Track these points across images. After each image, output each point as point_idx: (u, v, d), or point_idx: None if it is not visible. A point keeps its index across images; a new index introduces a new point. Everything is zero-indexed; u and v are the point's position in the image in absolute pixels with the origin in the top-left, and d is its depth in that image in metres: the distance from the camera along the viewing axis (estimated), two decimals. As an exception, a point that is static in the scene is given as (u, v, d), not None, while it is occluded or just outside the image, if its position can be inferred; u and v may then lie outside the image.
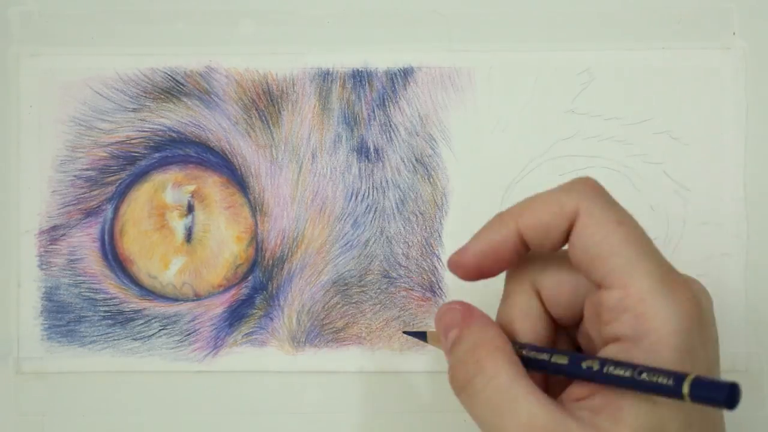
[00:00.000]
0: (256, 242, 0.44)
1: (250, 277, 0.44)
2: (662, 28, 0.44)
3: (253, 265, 0.44)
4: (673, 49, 0.44)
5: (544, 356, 0.33)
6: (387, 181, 0.44)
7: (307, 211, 0.44)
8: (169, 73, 0.44)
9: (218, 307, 0.44)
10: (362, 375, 0.43)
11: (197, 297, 0.44)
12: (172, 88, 0.44)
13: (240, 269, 0.44)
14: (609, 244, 0.31)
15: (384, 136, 0.44)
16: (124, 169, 0.44)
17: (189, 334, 0.43)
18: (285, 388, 0.43)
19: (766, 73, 0.44)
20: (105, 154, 0.44)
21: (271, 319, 0.43)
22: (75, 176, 0.44)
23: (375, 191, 0.44)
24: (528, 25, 0.44)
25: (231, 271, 0.44)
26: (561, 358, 0.32)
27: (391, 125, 0.44)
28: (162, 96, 0.44)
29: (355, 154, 0.44)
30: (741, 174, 0.43)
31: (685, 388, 0.28)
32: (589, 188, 0.33)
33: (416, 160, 0.44)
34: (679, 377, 0.28)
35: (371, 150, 0.44)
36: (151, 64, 0.44)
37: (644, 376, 0.29)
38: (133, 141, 0.44)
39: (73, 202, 0.44)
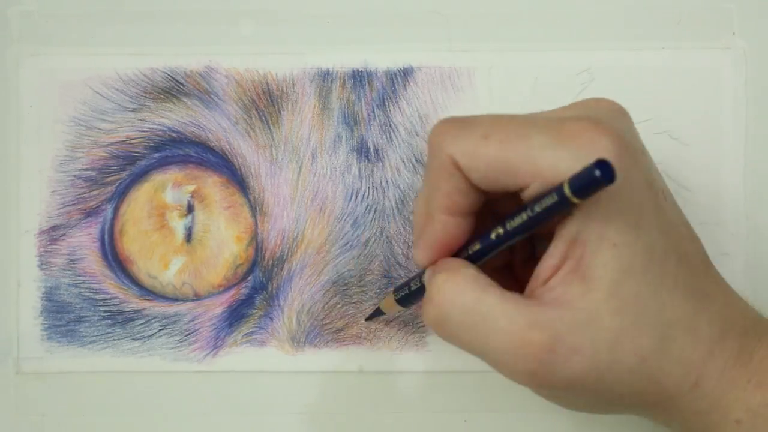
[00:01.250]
0: (256, 242, 0.44)
1: (250, 277, 0.44)
2: (662, 28, 0.44)
3: (253, 265, 0.44)
4: (673, 49, 0.44)
5: (475, 246, 0.34)
6: (387, 181, 0.44)
7: (307, 211, 0.44)
8: (169, 73, 0.44)
9: (218, 307, 0.44)
10: (362, 375, 0.43)
11: (197, 297, 0.44)
12: (172, 88, 0.44)
13: (240, 269, 0.44)
14: (495, 158, 0.31)
15: (384, 136, 0.44)
16: (124, 169, 0.44)
17: (189, 334, 0.43)
18: (285, 388, 0.43)
19: (766, 73, 0.44)
20: (105, 154, 0.44)
21: (271, 319, 0.43)
22: (75, 176, 0.44)
23: (375, 191, 0.44)
24: (528, 25, 0.44)
25: (231, 271, 0.44)
26: (479, 242, 0.33)
27: (391, 125, 0.44)
28: (162, 96, 0.44)
29: (355, 154, 0.44)
30: (741, 174, 0.43)
31: (567, 190, 0.28)
32: (435, 134, 0.33)
33: (416, 160, 0.44)
34: (559, 187, 0.29)
35: (371, 150, 0.44)
36: (151, 64, 0.44)
37: (537, 207, 0.30)
38: (133, 141, 0.44)
39: (73, 202, 0.44)
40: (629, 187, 0.31)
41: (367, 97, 0.44)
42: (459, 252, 0.35)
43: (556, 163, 0.30)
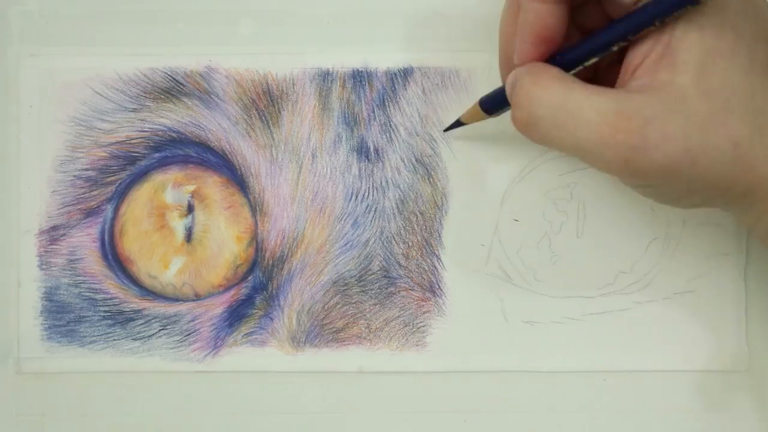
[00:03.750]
0: (256, 242, 0.44)
1: (250, 277, 0.44)
2: (662, 28, 0.44)
3: (253, 265, 0.44)
4: (673, 49, 0.44)
5: (580, 50, 0.33)
6: (387, 181, 0.44)
7: (307, 211, 0.44)
8: (169, 73, 0.44)
9: (218, 307, 0.44)
10: (362, 375, 0.43)
11: (197, 297, 0.44)
12: (172, 88, 0.44)
13: (240, 269, 0.44)
14: None
15: (384, 136, 0.44)
16: (124, 169, 0.44)
17: (189, 334, 0.43)
18: (285, 388, 0.43)
19: (766, 73, 0.44)
20: (105, 154, 0.44)
21: (271, 319, 0.43)
22: (75, 176, 0.44)
23: (375, 191, 0.44)
24: (528, 25, 0.44)
25: (231, 271, 0.44)
26: (592, 41, 0.33)
27: (391, 125, 0.44)
28: (162, 96, 0.44)
29: (355, 154, 0.44)
30: (741, 174, 0.43)
31: None
32: None
33: (416, 160, 0.44)
34: None
35: (371, 150, 0.44)
36: (151, 64, 0.44)
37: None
38: (133, 141, 0.44)
39: (73, 202, 0.44)
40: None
41: (367, 97, 0.44)
42: (549, 61, 0.34)
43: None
